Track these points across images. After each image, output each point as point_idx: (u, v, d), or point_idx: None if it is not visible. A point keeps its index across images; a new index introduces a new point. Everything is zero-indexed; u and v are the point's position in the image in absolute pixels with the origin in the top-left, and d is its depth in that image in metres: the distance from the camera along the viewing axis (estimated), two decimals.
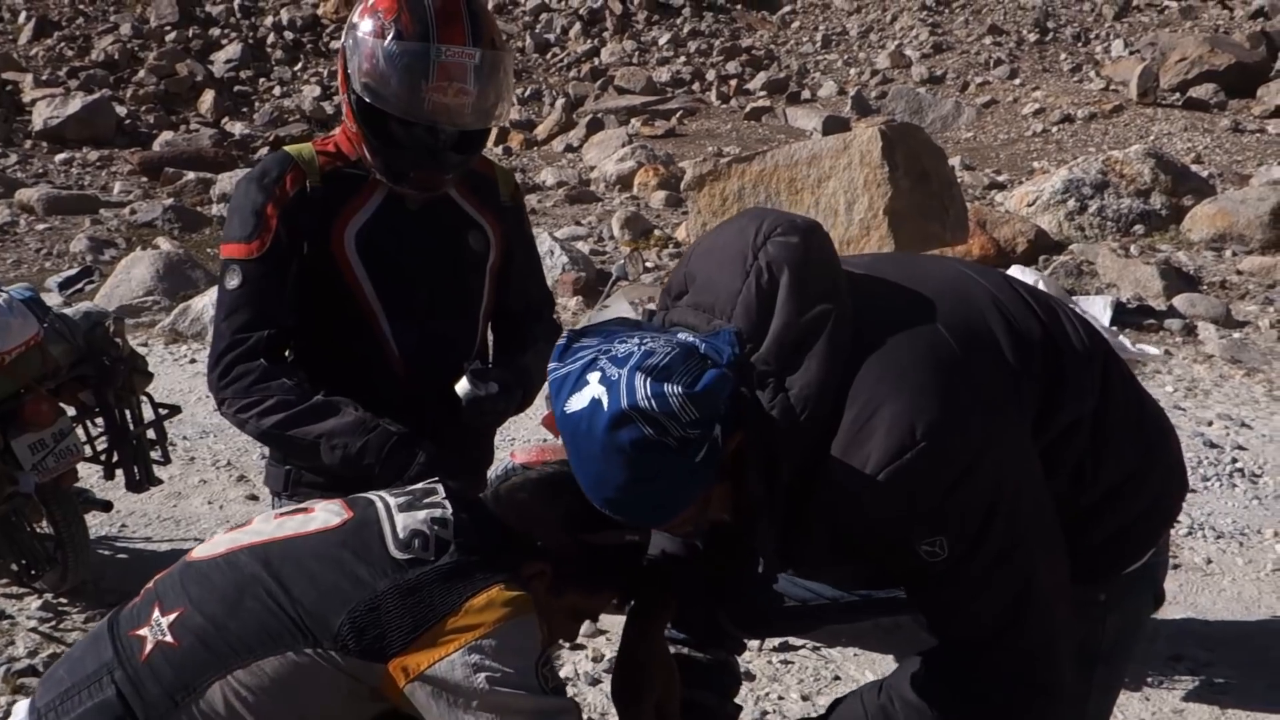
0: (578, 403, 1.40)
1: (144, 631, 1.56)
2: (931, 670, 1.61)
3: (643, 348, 1.40)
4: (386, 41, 1.99)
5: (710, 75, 17.40)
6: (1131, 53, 16.22)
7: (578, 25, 18.65)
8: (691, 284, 1.59)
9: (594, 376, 1.40)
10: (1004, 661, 1.52)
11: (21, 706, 1.60)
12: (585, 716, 3.14)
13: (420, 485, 1.72)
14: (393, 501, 1.66)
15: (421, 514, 1.62)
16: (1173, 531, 1.80)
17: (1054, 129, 14.34)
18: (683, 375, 1.37)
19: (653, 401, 1.35)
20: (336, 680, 1.52)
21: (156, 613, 1.58)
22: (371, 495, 1.70)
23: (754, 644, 3.35)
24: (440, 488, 1.70)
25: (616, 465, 1.39)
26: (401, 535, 1.59)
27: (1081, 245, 8.81)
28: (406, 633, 1.51)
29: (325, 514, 1.67)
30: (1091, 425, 1.57)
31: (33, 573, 3.86)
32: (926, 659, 1.62)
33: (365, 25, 2.04)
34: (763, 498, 1.47)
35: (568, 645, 3.57)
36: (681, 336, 1.44)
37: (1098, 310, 6.51)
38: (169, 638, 1.54)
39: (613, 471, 1.40)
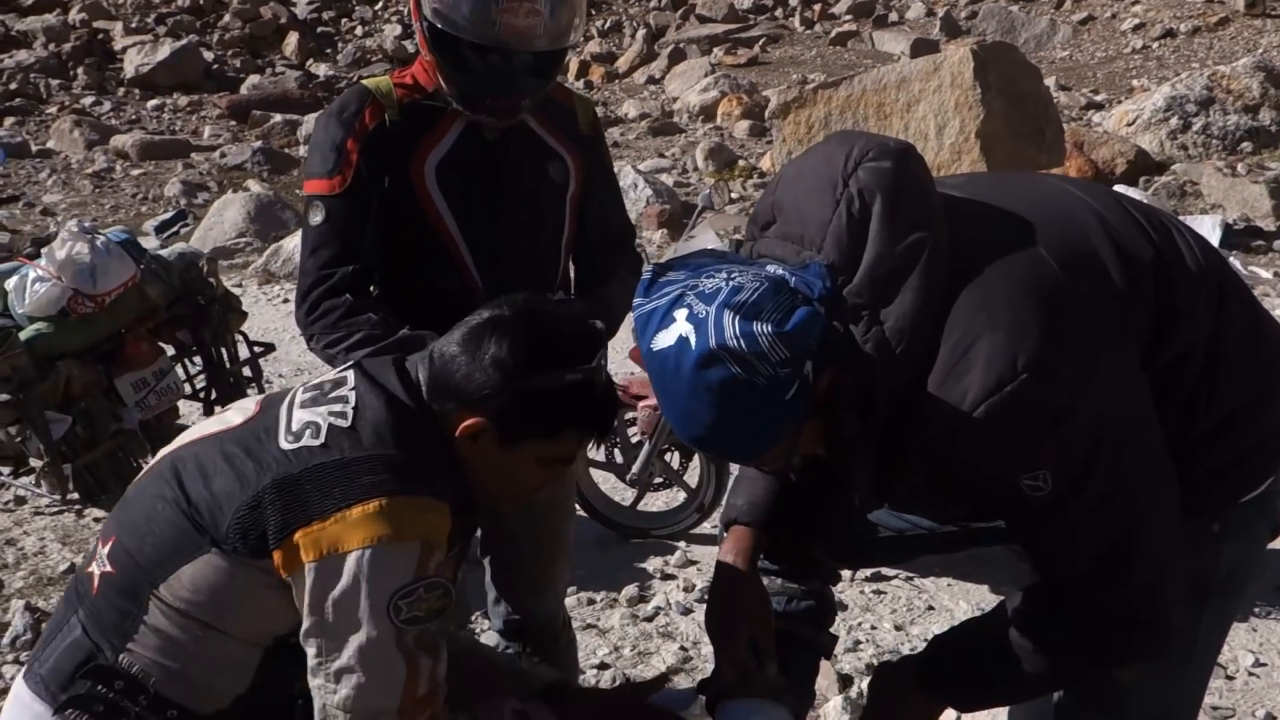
0: (664, 340, 1.36)
1: (92, 567, 1.58)
2: (1034, 608, 1.56)
3: (731, 283, 1.36)
4: None
5: (793, 0, 16.99)
6: None
7: None
8: (779, 213, 1.53)
9: (681, 313, 1.36)
10: (1109, 600, 1.46)
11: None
12: (678, 646, 3.15)
13: (334, 374, 1.64)
14: (300, 396, 1.59)
15: (323, 409, 1.54)
16: None
17: (1155, 45, 13.72)
18: (772, 312, 1.33)
19: (741, 341, 1.31)
20: (248, 575, 1.49)
21: (99, 546, 1.59)
22: (290, 388, 1.64)
23: (847, 574, 3.32)
24: (351, 373, 1.60)
25: (705, 404, 1.35)
26: (295, 427, 1.52)
27: (1185, 165, 8.44)
28: (278, 530, 1.46)
29: (235, 412, 1.64)
30: (1205, 352, 1.48)
31: None
32: (1027, 595, 1.57)
33: None
34: (857, 434, 1.43)
35: (659, 575, 3.60)
36: (770, 269, 1.39)
37: (1205, 231, 6.24)
38: (108, 567, 1.56)
39: (701, 410, 1.36)
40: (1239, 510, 1.60)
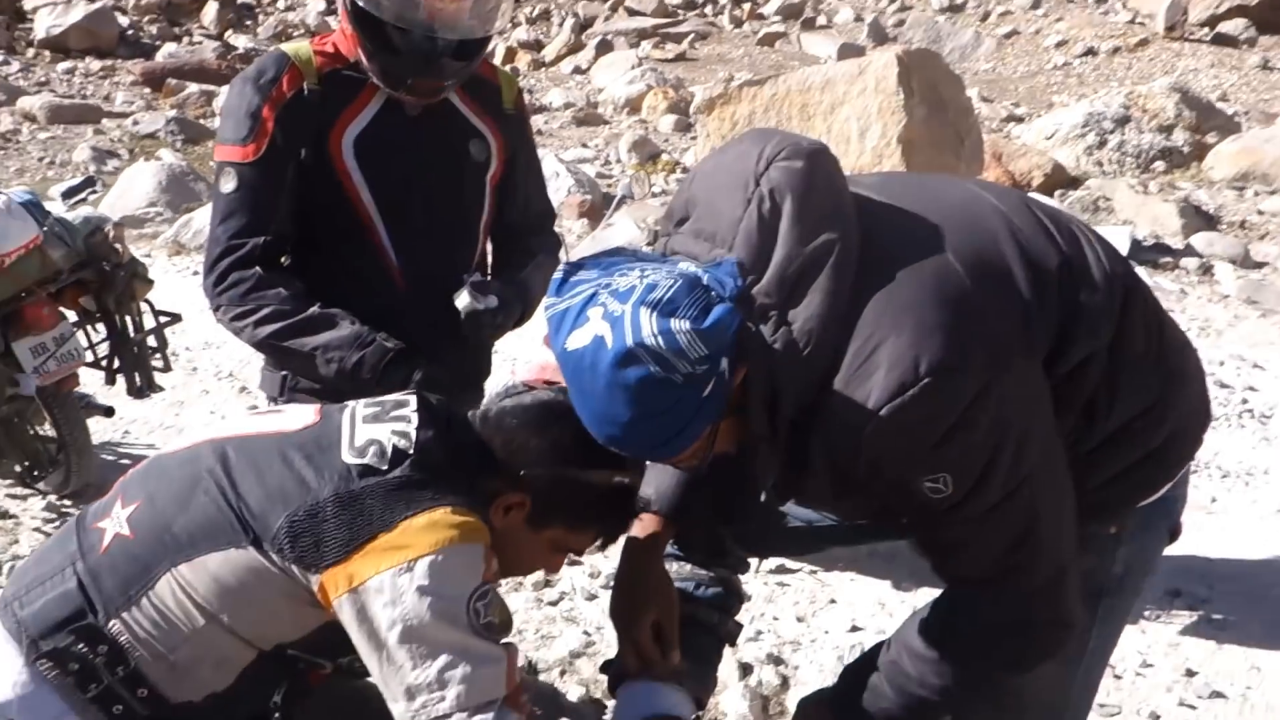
0: (579, 339, 1.35)
1: (105, 524, 1.55)
2: (937, 617, 1.59)
3: (645, 280, 1.35)
4: None
5: None
6: None
7: None
8: (693, 209, 1.52)
9: (595, 312, 1.34)
10: (1010, 602, 1.50)
11: None
12: (581, 631, 3.14)
13: (395, 396, 1.65)
14: (361, 411, 1.59)
15: (386, 426, 1.55)
16: None
17: (1076, 62, 14.07)
18: (689, 309, 1.32)
19: (659, 338, 1.30)
20: (277, 580, 1.49)
21: (118, 506, 1.56)
22: (348, 403, 1.64)
23: (752, 564, 3.35)
24: (413, 400, 1.61)
25: (621, 402, 1.34)
26: (358, 443, 1.53)
27: (1099, 181, 8.67)
28: (340, 545, 1.45)
29: (294, 415, 1.63)
30: (1107, 359, 1.51)
31: (36, 474, 3.89)
32: (932, 607, 1.60)
33: None
34: (765, 432, 1.43)
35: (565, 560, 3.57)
36: (684, 267, 1.39)
37: (1114, 243, 6.44)
38: (126, 530, 1.53)
39: (618, 409, 1.35)
40: (1137, 514, 1.64)
